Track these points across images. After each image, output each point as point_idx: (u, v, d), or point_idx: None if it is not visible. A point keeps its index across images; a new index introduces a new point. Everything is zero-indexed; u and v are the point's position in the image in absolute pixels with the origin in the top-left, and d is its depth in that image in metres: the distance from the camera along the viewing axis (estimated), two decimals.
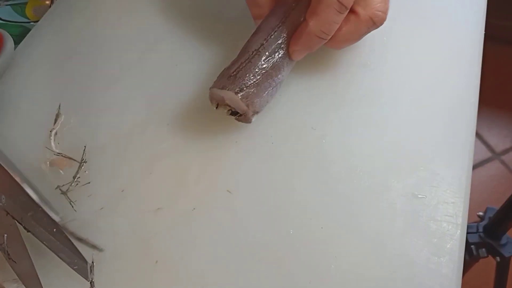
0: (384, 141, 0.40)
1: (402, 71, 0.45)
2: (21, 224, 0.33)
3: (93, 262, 0.35)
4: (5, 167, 0.36)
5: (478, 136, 1.56)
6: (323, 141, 0.40)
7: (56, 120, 0.42)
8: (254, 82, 0.36)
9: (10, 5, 0.53)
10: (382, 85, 0.44)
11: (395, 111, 0.42)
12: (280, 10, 0.39)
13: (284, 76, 0.39)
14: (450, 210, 0.37)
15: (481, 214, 1.06)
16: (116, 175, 0.39)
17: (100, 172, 0.39)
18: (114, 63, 0.43)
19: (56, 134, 0.41)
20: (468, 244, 0.99)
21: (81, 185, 0.38)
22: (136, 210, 0.37)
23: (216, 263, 0.35)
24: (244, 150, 0.40)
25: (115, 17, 0.50)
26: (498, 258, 1.00)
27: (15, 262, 0.33)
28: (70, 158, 0.40)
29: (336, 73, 0.44)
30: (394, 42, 0.46)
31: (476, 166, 1.50)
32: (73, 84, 0.44)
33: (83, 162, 0.39)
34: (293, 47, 0.38)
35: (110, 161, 0.40)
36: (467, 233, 0.92)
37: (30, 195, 0.35)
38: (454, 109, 0.42)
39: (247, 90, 0.36)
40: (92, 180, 0.39)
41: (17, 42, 0.48)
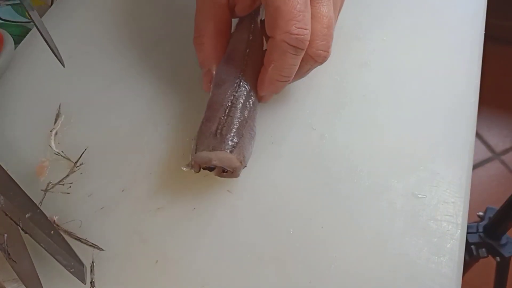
0: (384, 141, 0.40)
1: (402, 71, 0.45)
2: (18, 225, 0.33)
3: (93, 262, 0.35)
4: (3, 167, 0.36)
5: (478, 136, 1.56)
6: (323, 141, 0.40)
7: (56, 120, 0.42)
8: (240, 136, 0.35)
9: (10, 5, 0.53)
10: (382, 85, 0.44)
11: (395, 111, 0.42)
12: (235, 57, 0.39)
13: (256, 122, 0.38)
14: (450, 210, 0.37)
15: (481, 214, 1.06)
16: (116, 175, 0.39)
17: (100, 172, 0.39)
18: (114, 63, 0.43)
19: (56, 134, 0.41)
20: (468, 244, 0.99)
21: (80, 185, 0.39)
22: (136, 210, 0.37)
23: (216, 263, 0.35)
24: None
25: (116, 17, 0.50)
26: (498, 258, 1.00)
27: (15, 262, 0.33)
28: (68, 159, 0.40)
29: (336, 73, 0.44)
30: (394, 42, 0.46)
31: (476, 166, 1.50)
32: (73, 84, 0.44)
33: (78, 165, 0.39)
34: (259, 93, 0.38)
35: (110, 161, 0.40)
36: (467, 233, 0.92)
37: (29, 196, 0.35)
38: (454, 109, 0.42)
39: (238, 146, 0.35)
40: (92, 180, 0.39)
41: (17, 42, 0.48)
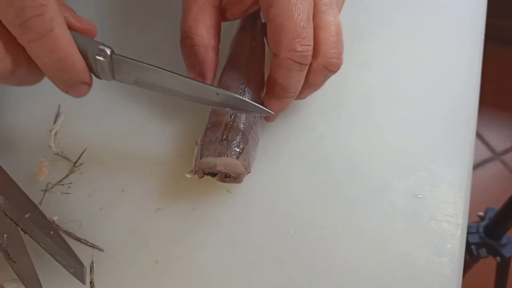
0: (384, 141, 0.40)
1: (402, 71, 0.45)
2: (18, 225, 0.33)
3: (93, 262, 0.35)
4: (3, 167, 0.36)
5: (478, 136, 1.55)
6: (323, 141, 0.40)
7: (55, 120, 0.42)
8: (246, 142, 0.35)
9: None
10: (382, 85, 0.44)
11: (395, 111, 0.42)
12: (239, 63, 0.38)
13: (260, 127, 0.38)
14: (451, 210, 0.37)
15: (481, 214, 1.06)
16: (115, 176, 0.39)
17: (99, 172, 0.39)
18: None
19: (55, 134, 0.41)
20: (468, 244, 0.99)
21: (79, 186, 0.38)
22: (136, 210, 0.37)
23: (216, 263, 0.35)
24: None
25: (116, 16, 0.50)
26: (498, 258, 1.00)
27: (15, 262, 0.32)
28: (68, 159, 0.40)
29: (336, 73, 0.44)
30: (394, 42, 0.46)
31: (476, 166, 1.50)
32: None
33: (77, 165, 0.39)
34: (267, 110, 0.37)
35: (109, 161, 0.40)
36: (468, 233, 0.93)
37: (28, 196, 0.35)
38: (454, 109, 0.42)
39: (244, 152, 0.35)
40: (92, 180, 0.39)
41: None
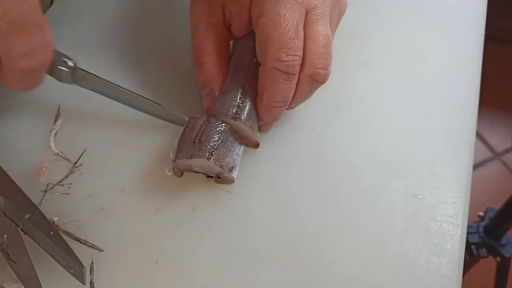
0: (384, 141, 0.40)
1: (402, 71, 0.45)
2: (18, 226, 0.33)
3: (93, 263, 0.35)
4: (3, 168, 0.36)
5: (479, 136, 1.56)
6: (323, 141, 0.40)
7: (55, 120, 0.42)
8: (220, 142, 0.36)
9: None
10: (382, 85, 0.44)
11: (395, 111, 0.42)
12: (240, 67, 0.39)
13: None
14: (451, 210, 0.37)
15: (481, 214, 1.06)
16: (115, 176, 0.39)
17: (99, 172, 0.39)
18: (114, 63, 0.43)
19: (55, 134, 0.41)
20: (468, 244, 0.99)
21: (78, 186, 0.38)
22: (135, 211, 0.37)
23: (216, 263, 0.35)
24: (244, 150, 0.39)
25: (115, 18, 0.50)
26: (498, 258, 1.00)
27: (15, 262, 0.32)
28: (68, 159, 0.40)
29: (336, 73, 0.44)
30: (394, 42, 0.46)
31: (476, 166, 1.50)
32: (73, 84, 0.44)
33: (77, 166, 0.39)
34: (259, 123, 0.38)
35: (109, 161, 0.40)
36: (468, 233, 0.93)
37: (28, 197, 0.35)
38: (455, 109, 0.42)
39: (218, 152, 0.35)
40: (91, 180, 0.39)
41: None
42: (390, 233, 0.36)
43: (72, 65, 0.38)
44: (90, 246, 0.35)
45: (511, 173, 1.50)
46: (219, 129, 0.36)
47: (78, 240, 0.36)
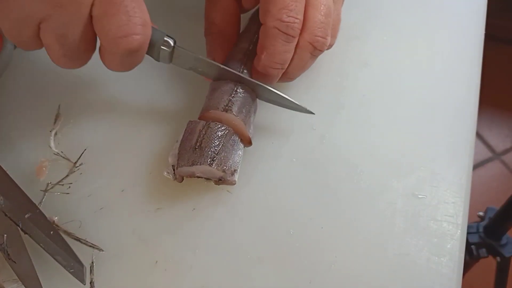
0: (384, 141, 0.40)
1: (402, 71, 0.45)
2: (18, 226, 0.33)
3: (93, 262, 0.35)
4: (3, 168, 0.36)
5: (478, 136, 1.55)
6: (323, 141, 0.40)
7: (56, 120, 0.42)
8: (221, 146, 0.35)
9: None
10: (382, 85, 0.44)
11: (395, 111, 0.42)
12: (244, 39, 0.40)
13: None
14: (451, 210, 0.37)
15: (481, 214, 1.06)
16: (115, 176, 0.39)
17: (99, 172, 0.39)
18: None
19: (55, 134, 0.41)
20: (468, 244, 0.99)
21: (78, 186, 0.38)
22: (135, 211, 0.37)
23: (216, 263, 0.35)
24: (244, 150, 0.39)
25: None
26: (498, 258, 1.00)
27: (15, 262, 0.33)
28: (68, 159, 0.40)
29: (336, 73, 0.44)
30: (394, 42, 0.46)
31: (476, 166, 1.50)
32: (72, 84, 0.44)
33: (77, 165, 0.39)
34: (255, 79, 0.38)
35: (109, 161, 0.40)
36: (468, 233, 0.92)
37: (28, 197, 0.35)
38: (455, 109, 0.42)
39: (219, 157, 0.35)
40: (92, 180, 0.39)
41: None
42: (390, 233, 0.36)
43: (173, 44, 0.36)
44: (90, 246, 0.35)
45: (511, 173, 1.50)
46: (219, 133, 0.36)
47: (78, 240, 0.36)
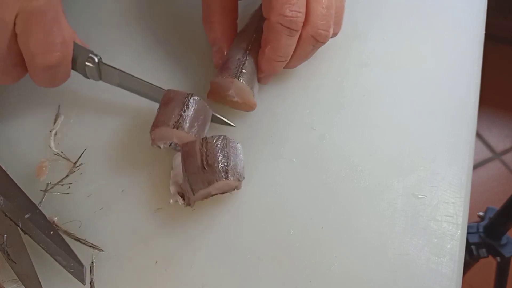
0: (384, 141, 0.40)
1: (402, 71, 0.44)
2: (18, 226, 0.33)
3: (93, 262, 0.35)
4: (3, 168, 0.36)
5: (478, 136, 1.55)
6: (323, 141, 0.40)
7: (55, 120, 0.42)
8: (227, 157, 0.35)
9: None
10: (382, 85, 0.44)
11: (395, 111, 0.42)
12: (247, 31, 0.41)
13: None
14: (451, 210, 0.37)
15: (481, 214, 1.06)
16: (115, 176, 0.39)
17: (99, 172, 0.39)
18: (114, 64, 0.43)
19: (55, 134, 0.41)
20: (468, 244, 0.99)
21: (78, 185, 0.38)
22: (135, 211, 0.37)
23: (216, 263, 0.35)
24: (244, 150, 0.39)
25: (114, 18, 0.50)
26: (498, 258, 1.00)
27: (15, 262, 0.33)
28: (68, 159, 0.40)
29: (336, 73, 0.44)
30: (394, 42, 0.46)
31: (476, 166, 1.50)
32: (72, 84, 0.44)
33: (77, 166, 0.39)
34: (259, 75, 0.40)
35: (109, 161, 0.40)
36: (468, 233, 0.93)
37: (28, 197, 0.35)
38: (455, 109, 0.42)
39: (231, 167, 0.35)
40: (91, 180, 0.39)
41: None
42: (390, 232, 0.36)
43: (97, 61, 0.38)
44: (90, 246, 0.35)
45: (511, 173, 1.50)
46: (219, 145, 0.35)
47: (78, 240, 0.36)
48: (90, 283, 0.34)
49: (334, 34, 0.41)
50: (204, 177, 0.34)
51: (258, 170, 0.39)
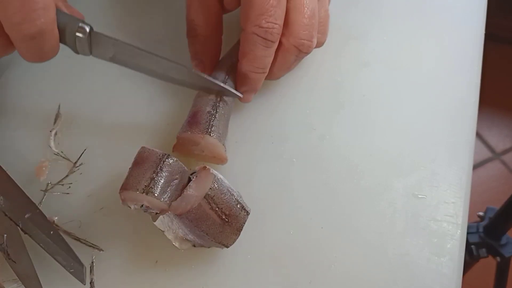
0: (384, 141, 0.40)
1: (402, 71, 0.44)
2: (18, 226, 0.33)
3: (93, 262, 0.35)
4: (3, 168, 0.36)
5: (478, 136, 1.55)
6: (323, 141, 0.40)
7: (56, 120, 0.42)
8: (229, 200, 0.33)
9: None
10: (382, 85, 0.44)
11: (395, 111, 0.42)
12: (235, 47, 0.40)
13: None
14: (451, 210, 0.37)
15: (481, 214, 1.06)
16: (115, 176, 0.39)
17: (99, 172, 0.39)
18: (114, 63, 0.43)
19: (55, 134, 0.41)
20: (468, 244, 0.99)
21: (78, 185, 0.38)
22: (136, 210, 0.37)
23: (216, 263, 0.35)
24: (244, 150, 0.39)
25: (115, 17, 0.50)
26: (498, 258, 1.00)
27: (15, 262, 0.32)
28: (68, 159, 0.40)
29: (336, 73, 0.44)
30: (394, 42, 0.46)
31: (476, 166, 1.50)
32: (72, 84, 0.44)
33: (77, 165, 0.39)
34: (239, 89, 0.39)
35: (109, 161, 0.40)
36: (468, 233, 0.92)
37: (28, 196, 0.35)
38: (455, 109, 0.42)
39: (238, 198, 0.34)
40: (91, 180, 0.39)
41: None
42: (390, 232, 0.36)
43: (88, 31, 0.34)
44: (90, 246, 0.35)
45: (511, 173, 1.50)
46: (220, 188, 0.33)
47: (78, 240, 0.36)
48: (90, 283, 0.34)
49: (320, 44, 0.41)
50: (232, 227, 0.33)
51: (258, 170, 0.39)
